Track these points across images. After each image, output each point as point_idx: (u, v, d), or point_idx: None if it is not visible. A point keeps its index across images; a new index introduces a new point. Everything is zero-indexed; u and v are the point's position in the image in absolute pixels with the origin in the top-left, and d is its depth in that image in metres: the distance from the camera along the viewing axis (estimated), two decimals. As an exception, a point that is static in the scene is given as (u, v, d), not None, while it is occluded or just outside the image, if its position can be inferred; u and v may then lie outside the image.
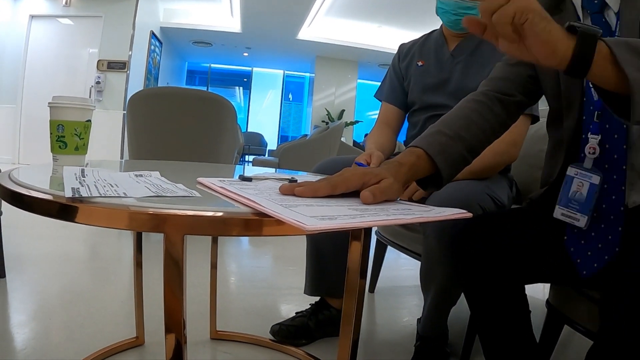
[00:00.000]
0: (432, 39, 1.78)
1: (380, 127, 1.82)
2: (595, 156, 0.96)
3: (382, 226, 1.98)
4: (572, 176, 0.99)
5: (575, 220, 0.98)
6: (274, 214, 0.54)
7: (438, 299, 1.49)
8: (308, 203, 0.65)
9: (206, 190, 0.76)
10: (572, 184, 0.98)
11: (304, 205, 0.62)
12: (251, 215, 0.57)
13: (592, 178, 0.95)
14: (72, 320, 1.71)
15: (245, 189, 0.75)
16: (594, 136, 0.97)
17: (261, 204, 0.59)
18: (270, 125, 15.67)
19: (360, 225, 0.55)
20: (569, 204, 0.99)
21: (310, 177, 1.16)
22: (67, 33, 8.24)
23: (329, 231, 0.52)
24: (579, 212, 0.97)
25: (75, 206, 0.59)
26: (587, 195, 0.95)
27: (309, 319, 1.71)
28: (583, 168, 0.98)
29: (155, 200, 0.62)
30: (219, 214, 0.56)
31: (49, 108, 1.15)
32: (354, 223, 0.55)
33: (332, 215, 0.57)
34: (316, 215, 0.56)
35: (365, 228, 0.62)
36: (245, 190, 0.73)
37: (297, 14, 9.74)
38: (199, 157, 3.00)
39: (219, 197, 0.71)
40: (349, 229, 0.54)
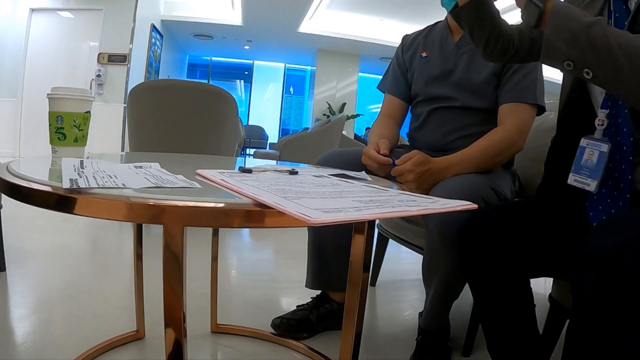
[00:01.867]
0: (437, 30, 1.76)
1: (383, 119, 1.81)
2: (604, 127, 1.05)
3: (388, 218, 1.97)
4: (584, 146, 1.07)
5: (586, 185, 1.05)
6: (278, 206, 0.53)
7: (440, 293, 1.48)
8: (311, 195, 0.64)
9: (206, 182, 0.75)
10: (584, 154, 1.06)
11: (307, 198, 0.61)
12: (252, 206, 0.56)
13: (602, 147, 1.03)
14: (72, 314, 1.71)
15: (245, 180, 0.74)
16: (603, 110, 1.06)
17: (262, 196, 0.58)
18: (272, 119, 15.65)
19: (366, 218, 0.54)
20: (580, 171, 1.07)
21: (312, 169, 1.15)
22: (67, 26, 8.21)
23: (334, 224, 0.50)
24: (589, 177, 1.05)
25: (74, 197, 0.58)
26: (596, 162, 1.03)
27: (310, 313, 1.70)
28: (594, 139, 1.06)
29: (155, 191, 0.60)
30: (219, 205, 0.54)
31: (48, 99, 1.13)
32: (360, 215, 0.54)
33: (337, 207, 0.56)
34: (321, 208, 0.54)
35: (369, 221, 0.61)
36: (246, 182, 0.72)
37: (299, 6, 9.71)
38: (199, 150, 2.99)
39: (220, 188, 0.69)
40: (355, 221, 0.53)
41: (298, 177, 0.88)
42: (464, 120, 1.65)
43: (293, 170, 0.95)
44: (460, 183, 1.37)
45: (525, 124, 1.54)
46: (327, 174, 0.99)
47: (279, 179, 0.80)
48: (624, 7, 1.03)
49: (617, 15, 1.03)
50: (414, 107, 1.80)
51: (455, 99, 1.64)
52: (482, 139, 1.52)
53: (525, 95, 1.55)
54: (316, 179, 0.87)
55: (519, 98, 1.55)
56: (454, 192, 1.31)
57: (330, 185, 0.79)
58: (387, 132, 1.72)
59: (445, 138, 1.67)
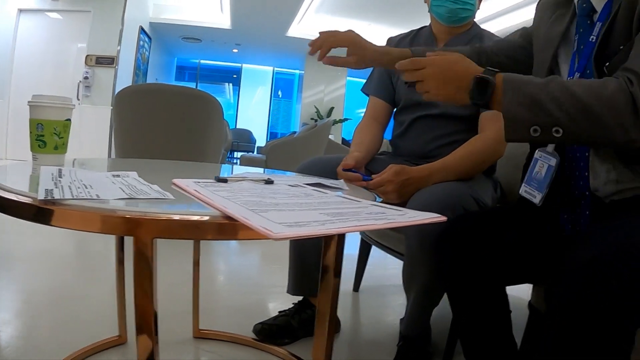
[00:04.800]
0: (422, 35, 1.78)
1: (368, 122, 1.82)
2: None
3: (350, 232, 1.98)
4: (537, 158, 1.09)
5: (533, 197, 1.08)
6: (242, 219, 0.54)
7: (420, 299, 1.49)
8: (280, 208, 0.65)
9: (180, 192, 0.76)
10: (536, 166, 1.09)
11: (275, 211, 0.62)
12: (221, 219, 0.57)
13: (551, 160, 1.05)
14: (55, 318, 1.71)
15: (218, 191, 0.75)
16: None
17: (230, 208, 0.59)
18: (260, 122, 15.62)
19: (328, 233, 0.56)
20: (531, 182, 1.09)
21: (289, 178, 1.17)
22: (55, 27, 8.17)
23: (296, 238, 0.52)
24: (536, 189, 1.08)
25: (49, 209, 0.60)
26: (544, 175, 1.06)
27: (291, 318, 1.71)
28: (546, 151, 1.07)
29: (128, 203, 0.61)
30: (189, 218, 0.56)
31: (29, 107, 1.14)
32: (322, 230, 0.55)
33: (301, 221, 0.57)
34: (285, 222, 0.56)
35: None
36: (218, 192, 0.73)
37: (288, 10, 9.72)
38: (185, 155, 2.99)
39: (192, 199, 0.71)
40: (317, 235, 0.54)
41: (273, 187, 0.90)
42: (447, 128, 1.67)
43: (269, 179, 0.97)
44: (440, 191, 1.39)
45: None
46: (302, 184, 1.01)
47: (253, 190, 0.81)
48: (588, 22, 1.05)
49: (582, 30, 1.05)
50: (397, 114, 1.82)
51: (437, 105, 1.66)
52: (462, 147, 1.54)
53: None
54: (290, 189, 0.88)
55: None
56: (433, 200, 1.33)
57: (303, 195, 0.81)
58: (370, 138, 1.74)
59: (427, 146, 1.68)
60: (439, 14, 1.67)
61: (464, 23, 1.68)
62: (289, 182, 1.00)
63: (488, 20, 7.99)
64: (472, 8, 1.64)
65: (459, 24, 1.67)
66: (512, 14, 8.07)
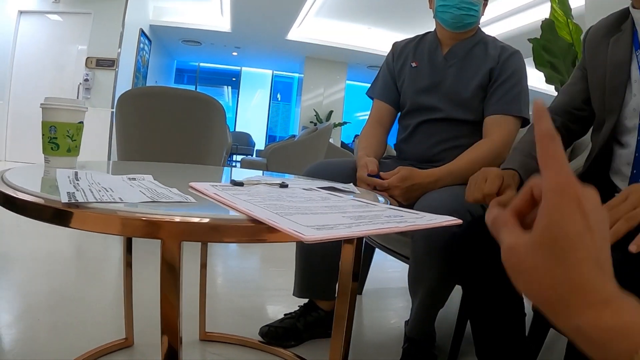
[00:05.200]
0: (427, 40, 1.79)
1: (372, 125, 1.83)
2: None
3: (376, 235, 1.99)
4: None
5: None
6: (271, 222, 0.55)
7: (426, 302, 1.51)
8: (302, 211, 0.66)
9: (200, 195, 0.77)
10: None
11: (299, 214, 0.63)
12: (246, 222, 0.58)
13: None
14: (60, 321, 1.71)
15: (238, 194, 0.76)
16: None
17: (256, 212, 0.60)
18: (259, 125, 15.64)
19: (356, 235, 0.57)
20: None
21: (301, 181, 1.18)
22: (56, 29, 8.18)
23: (326, 241, 0.53)
24: None
25: (72, 212, 0.60)
26: None
27: (297, 321, 1.72)
28: None
29: (151, 206, 0.62)
30: (216, 221, 0.57)
31: (41, 109, 1.15)
32: (350, 232, 0.56)
33: (328, 224, 0.58)
34: (313, 225, 0.57)
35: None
36: (238, 196, 0.74)
37: (287, 14, 9.75)
38: (187, 158, 3.00)
39: (214, 202, 0.72)
40: (346, 237, 0.55)
41: (288, 190, 0.91)
42: (451, 132, 1.68)
43: (283, 183, 0.98)
44: (447, 195, 1.41)
45: (510, 136, 1.59)
46: (315, 187, 1.02)
47: (270, 193, 0.82)
48: None
49: None
50: (402, 118, 1.83)
51: (442, 110, 1.68)
52: (468, 151, 1.56)
53: (510, 108, 1.59)
54: (305, 193, 0.89)
55: (504, 110, 1.60)
56: (439, 204, 1.35)
57: (320, 199, 0.82)
58: (375, 142, 1.76)
59: (432, 149, 1.70)
60: (443, 20, 1.68)
61: (468, 29, 1.69)
62: (303, 186, 1.01)
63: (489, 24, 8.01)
64: (477, 14, 1.66)
65: (464, 29, 1.68)
66: (512, 17, 8.12)
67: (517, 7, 7.78)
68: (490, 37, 1.74)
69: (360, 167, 1.54)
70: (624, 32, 1.20)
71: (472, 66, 1.67)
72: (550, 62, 3.40)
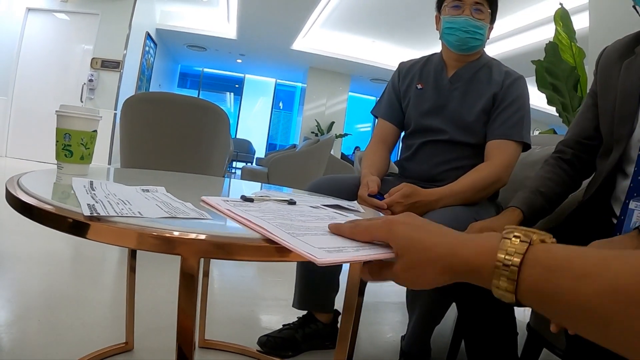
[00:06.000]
0: (433, 62, 1.83)
1: (376, 144, 1.86)
2: None
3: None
4: (633, 209, 1.10)
5: None
6: (286, 244, 0.58)
7: (423, 318, 1.54)
8: (313, 232, 0.69)
9: (213, 210, 0.80)
10: (633, 216, 1.09)
11: (310, 235, 0.66)
12: (262, 241, 0.61)
13: None
14: (60, 322, 1.73)
15: (250, 211, 0.79)
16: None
17: (272, 231, 0.63)
18: (260, 133, 15.69)
19: (364, 259, 0.59)
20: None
21: (307, 198, 1.20)
22: (62, 28, 8.25)
23: (337, 264, 0.56)
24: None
25: (92, 224, 0.62)
26: None
27: (296, 332, 1.75)
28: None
29: (170, 222, 0.65)
30: (234, 240, 0.60)
31: (56, 116, 1.17)
32: (359, 256, 0.59)
33: (338, 247, 0.61)
34: (324, 247, 0.59)
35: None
36: (250, 212, 0.77)
37: (294, 24, 9.82)
38: (191, 165, 3.02)
39: (227, 218, 0.74)
40: (355, 261, 0.58)
41: (296, 208, 0.93)
42: (454, 154, 1.72)
43: (291, 200, 1.01)
44: (447, 215, 1.44)
45: (511, 161, 1.62)
46: (321, 204, 1.04)
47: (280, 211, 0.85)
48: None
49: None
50: (405, 138, 1.87)
51: (446, 132, 1.71)
52: (470, 174, 1.59)
53: (512, 133, 1.63)
54: (313, 211, 0.92)
55: (506, 135, 1.63)
56: (441, 223, 1.38)
57: (328, 219, 0.84)
58: (379, 161, 1.79)
59: (434, 169, 1.74)
60: (449, 42, 1.72)
61: (473, 52, 1.73)
62: (310, 203, 1.03)
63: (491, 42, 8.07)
64: (482, 38, 1.69)
65: (469, 52, 1.72)
66: (515, 37, 8.19)
67: (519, 27, 7.85)
68: (495, 60, 1.77)
69: (362, 186, 1.57)
70: (637, 56, 1.20)
71: (477, 90, 1.70)
72: (553, 84, 3.44)
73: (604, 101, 1.30)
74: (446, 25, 1.70)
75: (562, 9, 3.55)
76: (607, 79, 1.29)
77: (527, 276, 0.45)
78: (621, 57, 1.25)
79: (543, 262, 0.45)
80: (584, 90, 3.36)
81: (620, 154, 1.19)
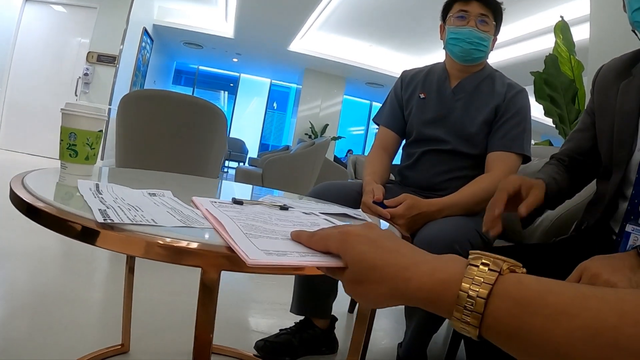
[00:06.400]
0: (436, 72, 1.83)
1: (378, 152, 1.87)
2: None
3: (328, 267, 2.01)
4: (630, 232, 1.10)
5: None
6: (228, 238, 0.58)
7: (422, 326, 1.54)
8: (274, 235, 0.67)
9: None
10: (630, 239, 1.09)
11: (266, 238, 0.65)
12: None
13: None
14: (55, 322, 1.70)
15: (227, 211, 0.80)
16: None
17: (223, 228, 0.63)
18: (253, 133, 15.67)
19: (301, 265, 0.58)
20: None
21: (307, 203, 1.19)
22: (59, 20, 8.18)
23: (267, 266, 0.55)
24: None
25: (106, 232, 0.61)
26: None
27: (293, 337, 1.74)
28: (638, 224, 1.09)
29: (186, 232, 0.64)
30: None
31: (62, 114, 1.15)
32: (299, 261, 0.57)
33: (283, 250, 0.59)
34: (267, 250, 0.58)
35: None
36: (226, 212, 0.78)
37: (291, 25, 9.83)
38: (188, 165, 3.00)
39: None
40: (289, 266, 0.56)
41: (285, 213, 0.92)
42: (455, 164, 1.73)
43: (284, 206, 0.99)
44: (449, 226, 1.44)
45: (511, 172, 1.63)
46: (325, 212, 1.03)
47: (261, 214, 0.83)
48: None
49: None
50: (407, 146, 1.87)
51: (447, 142, 1.72)
52: (471, 185, 1.60)
53: (513, 145, 1.64)
54: (301, 217, 0.91)
55: (507, 147, 1.64)
56: (442, 234, 1.39)
57: (309, 224, 0.83)
58: (381, 169, 1.80)
59: (435, 179, 1.74)
60: (453, 53, 1.73)
61: (476, 63, 1.74)
62: (305, 210, 1.02)
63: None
64: (486, 49, 1.70)
65: (472, 63, 1.73)
66: (513, 46, 8.23)
67: (518, 36, 7.88)
68: (497, 72, 1.78)
69: (367, 193, 1.57)
70: (635, 77, 1.19)
71: (479, 102, 1.71)
72: (551, 95, 3.46)
73: (601, 122, 1.29)
74: (451, 36, 1.70)
75: (562, 22, 3.57)
76: (605, 98, 1.28)
77: (495, 310, 0.42)
78: (618, 77, 1.24)
79: (513, 294, 0.42)
80: (582, 103, 3.38)
81: (620, 178, 1.18)
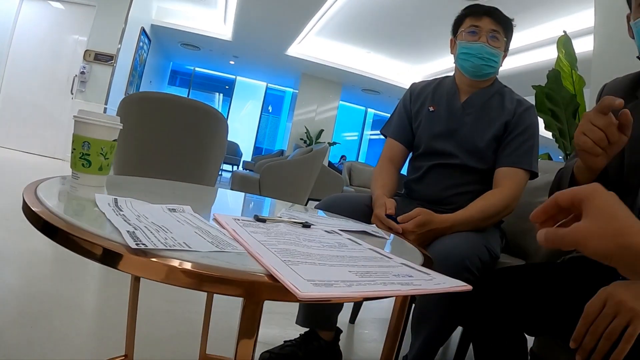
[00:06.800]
0: (445, 85, 1.83)
1: (385, 164, 1.86)
2: None
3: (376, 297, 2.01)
4: None
5: None
6: (274, 271, 0.57)
7: (430, 340, 1.53)
8: (311, 260, 0.67)
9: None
10: None
11: (306, 264, 0.64)
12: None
13: None
14: (56, 330, 1.67)
15: (255, 233, 0.79)
16: None
17: (264, 258, 0.62)
18: (247, 136, 15.64)
19: (352, 296, 0.57)
20: None
21: (326, 219, 1.18)
22: (57, 18, 8.13)
23: (320, 301, 0.53)
24: None
25: (143, 259, 0.57)
26: None
27: (298, 349, 1.73)
28: None
29: (221, 258, 0.62)
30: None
31: (74, 122, 1.10)
32: (347, 293, 0.57)
33: (329, 280, 0.59)
34: (313, 279, 0.57)
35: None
36: (255, 235, 0.77)
37: (290, 30, 9.82)
38: (188, 170, 2.97)
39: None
40: (340, 298, 0.56)
41: (309, 231, 0.92)
42: (463, 178, 1.73)
43: (306, 223, 0.98)
44: (459, 242, 1.45)
45: (519, 189, 1.64)
46: (338, 229, 1.02)
47: (289, 234, 0.83)
48: None
49: None
50: (414, 159, 1.86)
51: (456, 156, 1.71)
52: (480, 200, 1.60)
53: (522, 161, 1.64)
54: (325, 236, 0.90)
55: (516, 163, 1.64)
56: (452, 250, 1.39)
57: (337, 246, 0.82)
58: (389, 181, 1.79)
59: (443, 193, 1.74)
60: (463, 67, 1.73)
61: (486, 78, 1.74)
62: (326, 227, 1.01)
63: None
64: (496, 65, 1.71)
65: (482, 78, 1.73)
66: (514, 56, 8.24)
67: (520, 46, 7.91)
68: (507, 88, 1.79)
69: (379, 206, 1.56)
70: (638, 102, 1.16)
71: (489, 117, 1.71)
72: (552, 110, 3.46)
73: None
74: (462, 51, 1.71)
75: (565, 36, 3.59)
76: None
77: None
78: (623, 100, 1.23)
79: None
80: (583, 118, 3.38)
81: (630, 205, 1.14)
